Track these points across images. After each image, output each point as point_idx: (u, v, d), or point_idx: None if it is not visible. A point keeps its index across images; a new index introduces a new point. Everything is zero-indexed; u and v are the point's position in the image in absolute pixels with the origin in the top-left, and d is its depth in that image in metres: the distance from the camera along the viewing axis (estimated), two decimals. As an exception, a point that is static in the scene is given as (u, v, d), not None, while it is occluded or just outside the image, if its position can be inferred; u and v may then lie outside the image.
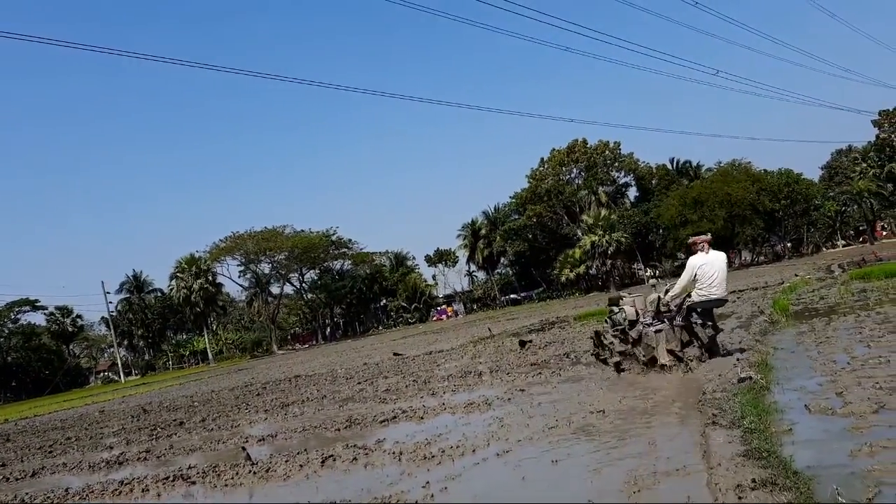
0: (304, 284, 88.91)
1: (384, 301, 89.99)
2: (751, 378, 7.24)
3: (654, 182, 78.50)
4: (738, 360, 8.62)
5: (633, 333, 9.21)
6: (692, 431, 5.70)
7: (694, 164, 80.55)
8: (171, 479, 7.51)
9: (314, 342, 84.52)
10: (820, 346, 9.11)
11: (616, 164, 77.47)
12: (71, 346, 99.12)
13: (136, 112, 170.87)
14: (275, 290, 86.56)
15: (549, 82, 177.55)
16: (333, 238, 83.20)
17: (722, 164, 77.00)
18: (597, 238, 67.46)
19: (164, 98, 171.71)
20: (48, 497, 7.79)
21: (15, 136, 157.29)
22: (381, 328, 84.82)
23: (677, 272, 72.35)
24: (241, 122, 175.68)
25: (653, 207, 71.59)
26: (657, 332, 9.02)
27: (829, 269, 32.07)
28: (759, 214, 64.62)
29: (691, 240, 9.74)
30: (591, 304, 40.87)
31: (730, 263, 10.00)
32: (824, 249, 72.47)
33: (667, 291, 9.41)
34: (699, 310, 9.04)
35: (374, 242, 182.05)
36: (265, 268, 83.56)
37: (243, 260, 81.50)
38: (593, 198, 74.08)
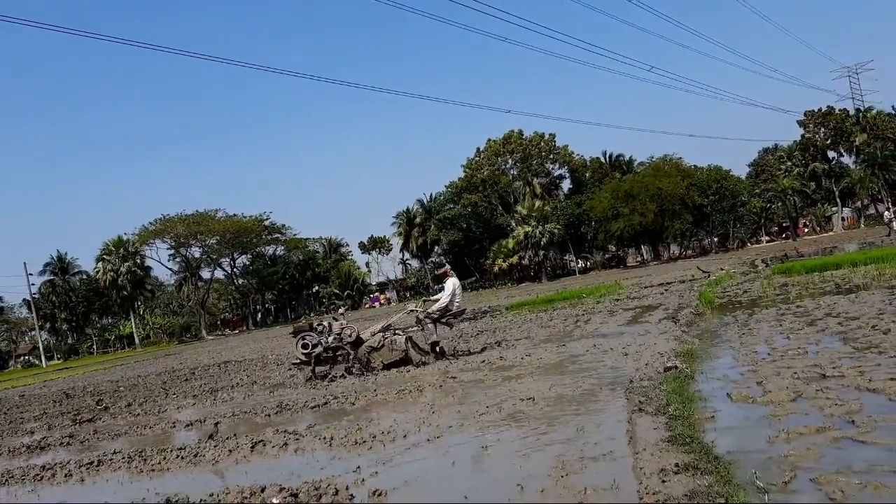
0: (235, 269, 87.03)
1: (317, 287, 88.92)
2: (676, 367, 7.48)
3: (587, 175, 79.79)
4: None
5: (374, 342, 11.84)
6: (619, 418, 5.84)
7: (626, 157, 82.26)
8: (95, 463, 7.27)
9: (244, 328, 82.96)
10: (743, 338, 9.46)
11: (551, 156, 78.34)
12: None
13: (68, 90, 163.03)
14: (205, 274, 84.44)
15: (486, 73, 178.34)
16: (266, 223, 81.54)
17: (654, 159, 78.80)
18: (530, 229, 68.21)
19: (90, 76, 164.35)
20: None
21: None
22: (312, 315, 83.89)
23: (607, 264, 74.30)
24: (172, 101, 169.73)
25: (586, 200, 72.84)
26: (408, 338, 11.88)
27: (753, 263, 33.38)
28: (688, 209, 66.57)
29: (442, 270, 13.20)
30: (522, 294, 41.41)
31: (659, 256, 11.10)
32: (749, 245, 75.30)
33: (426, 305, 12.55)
34: (452, 315, 12.36)
35: (308, 228, 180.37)
36: (196, 252, 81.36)
37: (173, 244, 79.09)
38: (528, 189, 74.78)
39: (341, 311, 15.71)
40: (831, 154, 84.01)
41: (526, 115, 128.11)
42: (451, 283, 12.36)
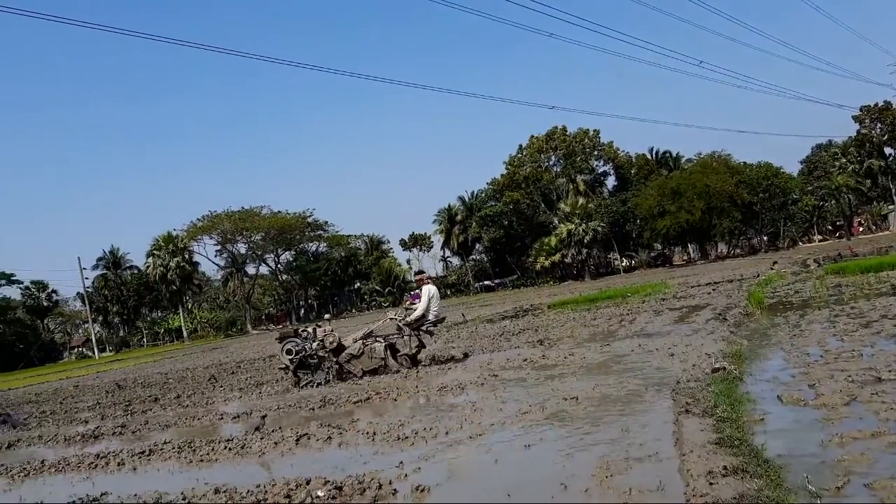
0: (279, 265, 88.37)
1: (358, 284, 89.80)
2: (724, 368, 7.33)
3: (633, 172, 78.76)
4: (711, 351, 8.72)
5: (353, 349, 11.85)
6: (665, 419, 5.75)
7: (674, 154, 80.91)
8: (146, 453, 7.49)
9: (288, 323, 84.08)
10: (794, 339, 9.24)
11: (595, 152, 77.46)
12: (46, 321, 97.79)
13: (114, 90, 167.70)
14: (250, 270, 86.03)
15: (530, 69, 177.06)
16: (310, 220, 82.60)
17: (702, 156, 77.40)
18: (573, 226, 67.62)
19: (140, 76, 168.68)
20: (24, 468, 7.69)
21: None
22: (354, 311, 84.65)
23: (653, 263, 73.27)
24: (219, 102, 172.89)
25: (631, 197, 71.91)
26: (388, 345, 11.92)
27: (805, 263, 32.55)
28: (736, 207, 65.24)
29: (419, 277, 13.15)
30: (565, 292, 41.14)
31: (706, 255, 10.78)
32: (800, 244, 73.43)
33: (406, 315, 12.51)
34: (431, 323, 12.29)
35: (350, 225, 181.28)
36: (241, 248, 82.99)
37: (220, 239, 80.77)
38: (571, 186, 74.07)
39: (326, 317, 15.97)
40: (888, 150, 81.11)
41: (570, 111, 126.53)
42: (427, 290, 12.27)
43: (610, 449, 5.08)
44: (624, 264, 76.77)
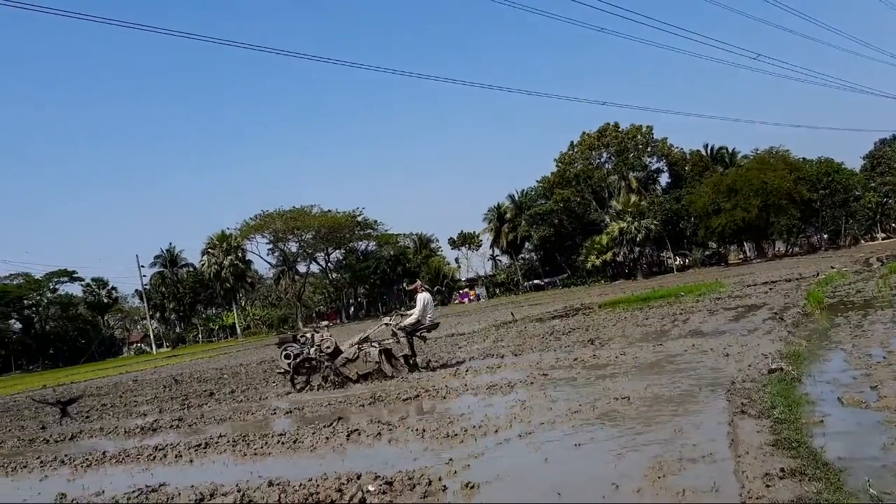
0: (329, 264, 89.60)
1: (406, 283, 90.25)
2: (781, 369, 7.14)
3: (686, 168, 77.21)
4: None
5: (349, 354, 12.04)
6: (719, 420, 5.63)
7: (730, 150, 78.95)
8: (202, 446, 7.72)
9: (338, 321, 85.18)
10: (855, 340, 8.94)
11: (648, 149, 76.21)
12: (106, 317, 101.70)
13: (167, 89, 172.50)
14: (301, 268, 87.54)
15: (580, 64, 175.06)
16: (359, 219, 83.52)
17: (759, 152, 75.16)
18: (625, 225, 66.71)
19: (197, 75, 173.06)
20: (86, 459, 8.00)
21: (61, 113, 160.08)
22: (403, 309, 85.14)
23: (707, 261, 71.69)
24: (266, 97, 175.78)
25: (685, 194, 70.44)
26: (383, 350, 12.18)
27: (868, 262, 31.44)
28: (795, 204, 63.35)
29: (413, 286, 13.34)
30: (616, 291, 40.62)
31: (763, 254, 10.46)
32: (863, 242, 70.93)
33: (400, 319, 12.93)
34: (425, 328, 12.75)
35: (399, 224, 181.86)
36: (293, 246, 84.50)
37: (272, 238, 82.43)
38: (623, 183, 72.99)
39: (324, 324, 16.30)
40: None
41: (622, 106, 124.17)
42: (422, 298, 12.66)
43: (663, 449, 5.01)
44: (677, 263, 75.38)
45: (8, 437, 11.80)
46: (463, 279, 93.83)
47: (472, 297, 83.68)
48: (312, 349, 12.20)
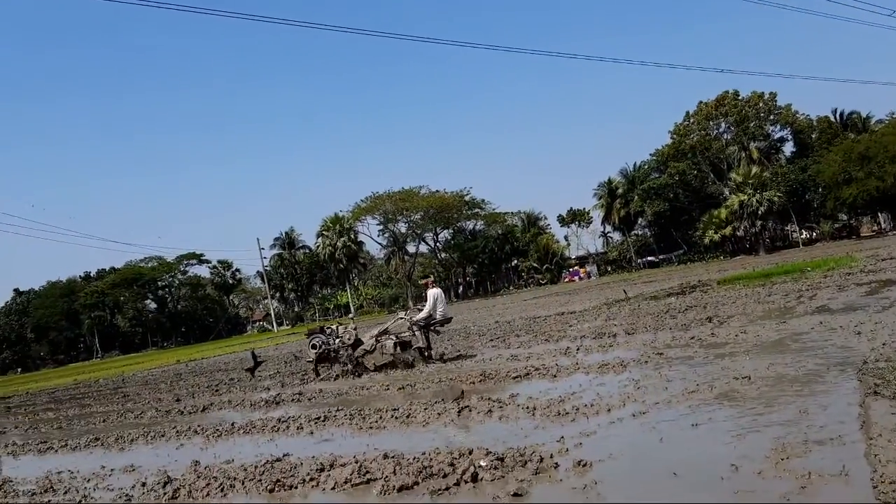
0: (438, 244, 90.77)
1: (515, 261, 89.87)
2: (921, 348, 6.62)
3: (813, 136, 72.31)
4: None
5: (367, 346, 12.87)
6: (849, 401, 5.30)
7: (862, 115, 73.16)
8: (322, 419, 8.11)
9: (447, 300, 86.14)
10: None
11: (771, 117, 71.89)
12: (231, 297, 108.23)
13: (281, 76, 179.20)
14: (411, 248, 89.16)
15: (695, 30, 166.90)
16: (467, 198, 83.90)
17: (895, 116, 69.44)
18: (746, 197, 63.41)
19: (306, 63, 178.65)
20: (217, 430, 8.59)
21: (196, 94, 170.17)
22: (511, 288, 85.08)
23: (837, 235, 67.09)
24: (376, 85, 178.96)
25: (812, 164, 65.98)
26: (400, 342, 12.87)
27: None
28: (939, 172, 58.03)
29: (423, 281, 14.20)
30: (736, 267, 38.84)
31: None
32: None
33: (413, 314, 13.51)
34: (437, 322, 13.32)
35: (507, 202, 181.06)
36: (402, 227, 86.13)
37: (382, 219, 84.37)
38: (743, 154, 69.26)
39: (351, 316, 16.99)
40: None
41: (742, 73, 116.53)
42: (433, 293, 13.28)
43: (786, 431, 4.78)
44: (803, 237, 71.06)
45: (147, 409, 12.82)
46: (573, 257, 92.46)
47: (582, 275, 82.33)
48: (337, 341, 13.22)
